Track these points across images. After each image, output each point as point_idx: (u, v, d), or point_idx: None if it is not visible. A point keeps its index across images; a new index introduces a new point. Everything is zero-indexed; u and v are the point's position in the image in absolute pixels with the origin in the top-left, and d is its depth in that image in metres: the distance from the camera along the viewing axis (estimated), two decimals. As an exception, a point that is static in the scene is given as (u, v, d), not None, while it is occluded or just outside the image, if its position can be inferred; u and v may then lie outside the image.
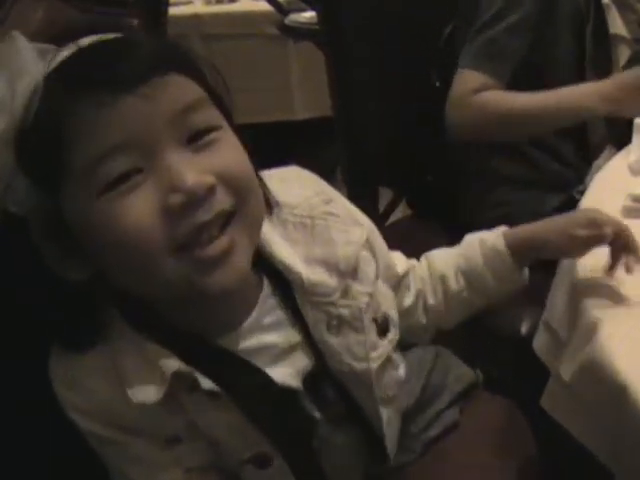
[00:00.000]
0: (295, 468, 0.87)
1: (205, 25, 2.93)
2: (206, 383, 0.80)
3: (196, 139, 0.74)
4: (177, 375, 0.79)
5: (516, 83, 1.51)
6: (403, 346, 0.99)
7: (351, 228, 0.89)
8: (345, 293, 0.86)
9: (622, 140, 1.37)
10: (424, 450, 1.06)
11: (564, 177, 1.62)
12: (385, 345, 0.91)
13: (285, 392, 0.85)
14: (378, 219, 1.82)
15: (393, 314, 0.93)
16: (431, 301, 1.04)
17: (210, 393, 0.80)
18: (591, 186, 1.23)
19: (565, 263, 1.06)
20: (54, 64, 0.73)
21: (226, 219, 0.75)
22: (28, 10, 0.81)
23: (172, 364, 0.79)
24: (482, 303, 1.06)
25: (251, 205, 0.77)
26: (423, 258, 1.06)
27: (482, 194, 1.64)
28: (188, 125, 0.74)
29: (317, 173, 0.96)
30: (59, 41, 0.74)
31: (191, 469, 0.85)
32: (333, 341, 0.86)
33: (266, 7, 2.75)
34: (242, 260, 0.76)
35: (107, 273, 0.77)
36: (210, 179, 0.73)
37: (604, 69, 1.67)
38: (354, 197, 1.79)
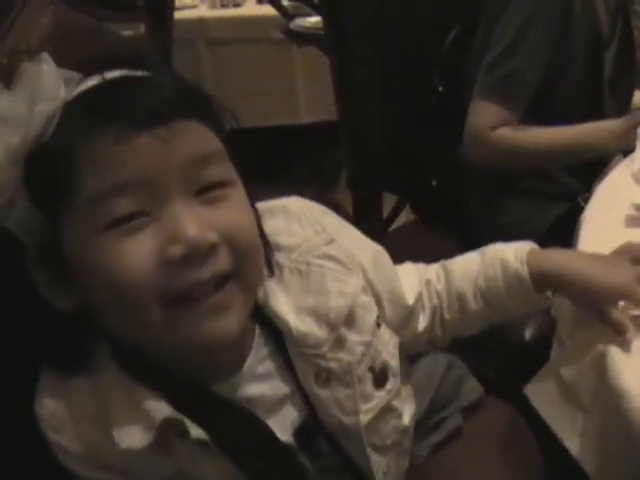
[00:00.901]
0: None
1: (210, 29, 2.94)
2: (195, 431, 0.77)
3: (206, 192, 0.72)
4: (167, 421, 0.76)
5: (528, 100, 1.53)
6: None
7: (347, 278, 0.85)
8: (337, 344, 0.83)
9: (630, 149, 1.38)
10: (427, 456, 1.06)
11: (571, 186, 1.62)
12: (382, 396, 0.88)
13: (280, 444, 0.83)
14: (382, 224, 1.82)
15: (394, 363, 0.89)
16: (447, 316, 1.00)
17: (199, 442, 0.78)
18: (595, 195, 1.23)
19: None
20: (77, 92, 0.72)
21: (223, 280, 0.73)
22: (36, 15, 0.81)
23: (162, 409, 0.76)
24: (501, 320, 1.03)
25: (250, 269, 0.75)
26: (441, 270, 1.01)
27: (486, 200, 1.64)
28: (201, 177, 0.72)
29: (321, 177, 0.95)
30: (85, 67, 0.74)
31: None
32: (322, 393, 0.84)
33: (271, 11, 2.76)
34: (233, 320, 0.74)
35: (92, 309, 0.75)
36: (213, 237, 0.71)
37: (626, 88, 1.69)
38: (358, 202, 1.81)
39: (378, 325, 0.88)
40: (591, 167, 1.62)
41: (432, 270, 1.01)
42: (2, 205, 0.71)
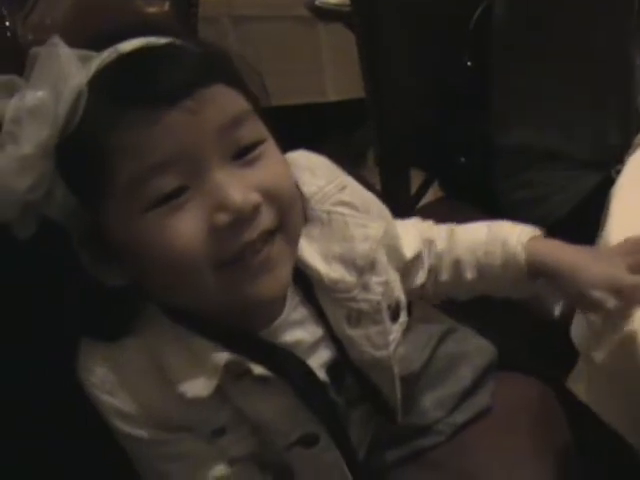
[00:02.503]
0: (338, 442, 0.88)
1: (235, 7, 2.92)
2: (258, 369, 0.80)
3: (242, 155, 0.73)
4: (228, 365, 0.79)
5: None
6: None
7: (369, 223, 0.88)
8: (364, 287, 0.87)
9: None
10: (453, 434, 1.07)
11: (603, 158, 1.59)
12: (397, 329, 0.92)
13: (320, 381, 0.86)
14: (410, 201, 1.81)
15: (402, 298, 0.93)
16: (441, 278, 1.03)
17: (261, 379, 0.81)
18: (627, 167, 1.21)
19: (602, 243, 1.05)
20: (94, 70, 0.72)
21: (270, 235, 0.74)
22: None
23: (222, 355, 0.79)
24: (490, 294, 1.05)
25: (293, 221, 0.78)
26: (446, 233, 1.03)
27: (516, 174, 1.63)
28: (235, 140, 0.73)
29: (349, 155, 0.95)
30: (100, 41, 0.73)
31: (234, 460, 0.86)
32: (354, 333, 0.87)
33: (297, -12, 2.74)
34: (284, 272, 0.77)
35: (146, 284, 0.77)
36: (256, 197, 0.72)
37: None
38: (386, 179, 1.80)
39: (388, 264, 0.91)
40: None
41: (437, 230, 1.03)
42: (42, 196, 0.72)
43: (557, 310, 1.32)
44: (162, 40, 0.74)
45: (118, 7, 0.91)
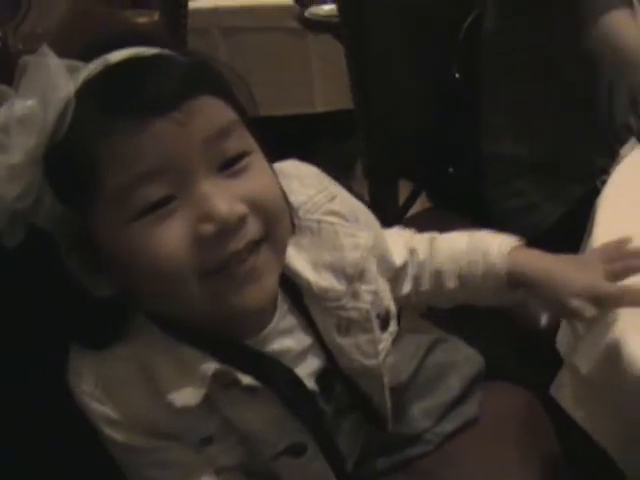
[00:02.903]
0: (326, 452, 0.88)
1: (225, 18, 2.93)
2: (246, 379, 0.80)
3: (228, 166, 0.74)
4: (216, 375, 0.79)
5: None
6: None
7: (359, 232, 0.88)
8: (354, 295, 0.87)
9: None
10: (441, 443, 1.07)
11: (590, 167, 1.60)
12: (386, 338, 0.92)
13: (308, 390, 0.86)
14: (398, 211, 1.82)
15: (392, 307, 0.93)
16: (423, 288, 1.03)
17: (249, 388, 0.81)
18: (612, 177, 1.22)
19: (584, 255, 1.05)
20: (82, 80, 0.72)
21: (256, 246, 0.75)
22: (50, 3, 0.81)
23: (210, 365, 0.79)
24: (472, 303, 1.06)
25: (279, 231, 0.78)
26: (428, 242, 1.03)
27: (503, 183, 1.64)
28: (221, 151, 0.73)
29: (337, 166, 0.95)
30: (90, 51, 0.74)
31: (221, 470, 0.86)
32: (343, 342, 0.88)
33: (286, 0, 2.75)
34: (269, 282, 0.77)
35: (134, 293, 0.77)
36: (242, 208, 0.73)
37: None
38: (374, 190, 1.81)
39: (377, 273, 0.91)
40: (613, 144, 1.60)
41: (419, 239, 1.04)
42: (30, 204, 0.72)
43: (544, 319, 1.32)
44: (151, 50, 0.75)
45: (108, 18, 0.91)
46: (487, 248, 1.00)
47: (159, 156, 0.70)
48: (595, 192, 1.21)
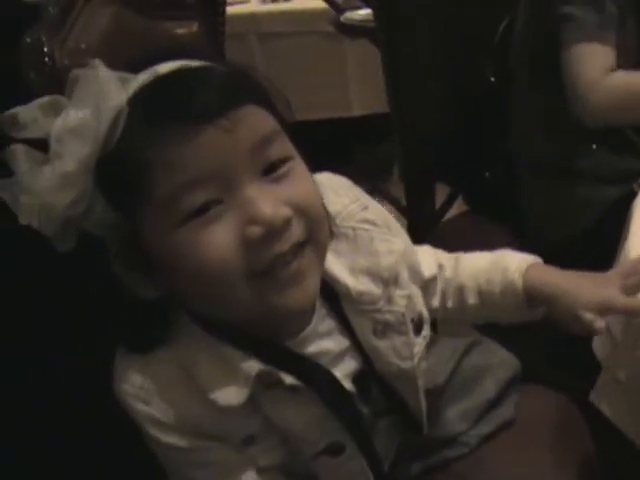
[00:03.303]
0: (364, 452, 0.90)
1: (261, 24, 2.95)
2: (289, 379, 0.83)
3: (272, 171, 0.76)
4: (260, 375, 0.81)
5: None
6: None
7: (392, 238, 0.91)
8: (389, 300, 0.89)
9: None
10: (477, 445, 1.07)
11: (628, 170, 1.59)
12: (420, 342, 0.93)
13: (346, 392, 0.88)
14: (435, 215, 1.82)
15: (424, 312, 0.95)
16: (449, 304, 1.04)
17: (291, 388, 0.83)
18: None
19: (622, 258, 1.05)
20: (133, 91, 0.75)
21: (300, 248, 0.77)
22: (95, 16, 0.83)
23: (253, 365, 0.81)
24: (494, 321, 1.06)
25: (322, 234, 0.80)
26: (454, 260, 1.05)
27: (537, 188, 1.63)
28: (265, 157, 0.76)
29: (374, 170, 0.97)
30: (136, 66, 0.76)
31: (262, 470, 0.88)
32: (379, 344, 0.89)
33: (321, 5, 2.76)
34: (313, 284, 0.79)
35: (179, 295, 0.80)
36: (287, 211, 0.75)
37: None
38: (411, 193, 1.81)
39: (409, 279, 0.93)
40: None
41: (446, 257, 1.05)
42: (82, 211, 0.74)
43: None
44: (195, 62, 0.77)
45: (149, 31, 0.93)
46: (506, 265, 1.01)
47: (206, 163, 0.73)
48: (632, 195, 1.20)
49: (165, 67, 0.76)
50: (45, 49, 0.76)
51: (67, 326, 0.84)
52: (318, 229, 0.79)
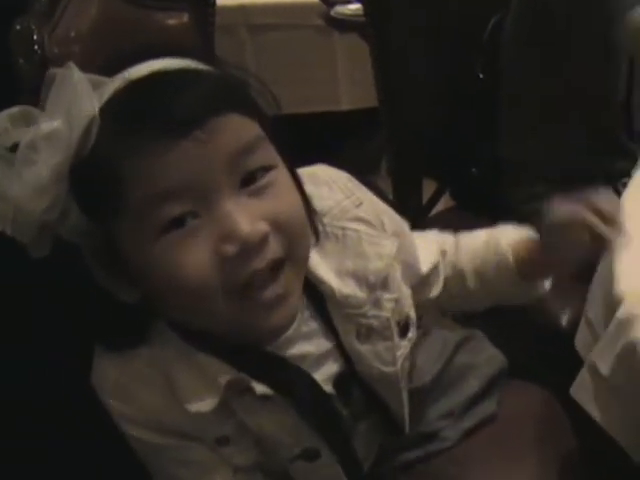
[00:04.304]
0: (340, 456, 0.90)
1: (251, 16, 2.94)
2: (260, 388, 0.82)
3: (251, 181, 0.74)
4: (230, 384, 0.81)
5: None
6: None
7: (383, 240, 0.89)
8: (375, 303, 0.88)
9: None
10: (458, 440, 1.07)
11: (616, 170, 1.60)
12: (405, 345, 0.93)
13: (326, 394, 0.87)
14: (422, 210, 1.83)
15: (412, 314, 0.94)
16: (453, 291, 1.04)
17: (263, 396, 0.82)
18: (633, 180, 1.22)
19: (606, 256, 1.06)
20: (107, 97, 0.73)
21: (278, 265, 0.75)
22: (84, 5, 0.83)
23: (225, 373, 0.81)
24: (496, 303, 1.06)
25: (300, 250, 0.78)
26: (454, 242, 1.04)
27: (521, 186, 1.64)
28: (244, 166, 0.74)
29: (363, 163, 0.96)
30: (117, 62, 0.75)
31: (238, 469, 0.88)
32: (362, 348, 0.88)
33: (312, -2, 2.76)
34: (294, 300, 0.79)
35: (156, 304, 0.79)
36: (264, 227, 0.73)
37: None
38: (398, 188, 1.82)
39: (401, 280, 0.91)
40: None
41: (449, 242, 1.04)
42: (57, 217, 0.74)
43: (564, 320, 1.33)
44: (176, 64, 0.75)
45: (139, 20, 0.93)
46: (498, 241, 1.00)
47: (181, 175, 0.71)
48: (617, 195, 1.21)
49: (139, 70, 0.73)
50: (35, 37, 0.75)
51: (67, 326, 0.83)
52: (297, 245, 0.77)
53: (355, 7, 2.48)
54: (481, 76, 1.66)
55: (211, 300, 0.74)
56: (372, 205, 0.92)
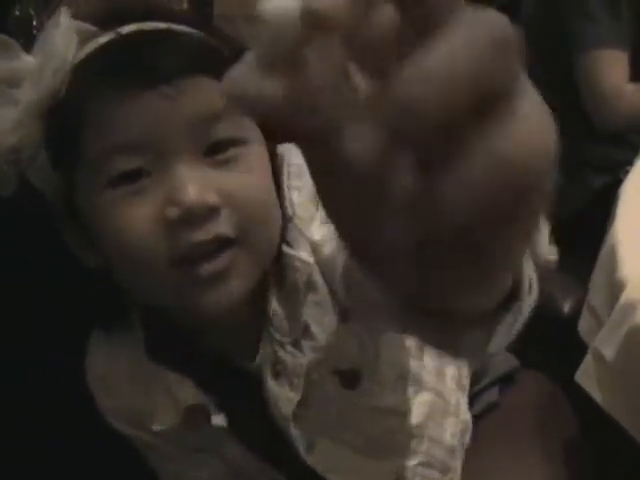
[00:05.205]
0: None
1: (249, 6, 2.94)
2: (216, 419, 0.79)
3: (216, 152, 0.70)
4: (191, 407, 0.79)
5: None
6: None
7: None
8: (295, 343, 0.79)
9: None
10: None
11: (615, 158, 1.60)
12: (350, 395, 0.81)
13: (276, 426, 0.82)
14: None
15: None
16: None
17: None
18: (635, 168, 1.22)
19: (608, 243, 1.06)
20: (89, 49, 0.72)
21: (225, 244, 0.69)
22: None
23: (187, 396, 0.79)
24: None
25: (258, 236, 0.71)
26: None
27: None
28: (210, 135, 0.69)
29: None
30: (104, 20, 0.73)
31: (217, 473, 0.86)
32: (271, 385, 0.80)
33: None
34: (238, 285, 0.71)
35: (112, 268, 0.75)
36: (213, 199, 0.68)
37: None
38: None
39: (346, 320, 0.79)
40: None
41: None
42: (26, 160, 0.73)
43: (566, 307, 1.33)
44: (162, 25, 0.72)
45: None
46: None
47: (141, 128, 0.68)
48: (618, 183, 1.21)
49: (130, 28, 0.71)
50: (34, 23, 0.75)
51: (67, 326, 0.83)
52: (254, 230, 0.70)
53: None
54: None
55: (153, 266, 0.69)
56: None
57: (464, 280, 0.34)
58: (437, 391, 0.88)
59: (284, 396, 0.79)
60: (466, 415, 0.95)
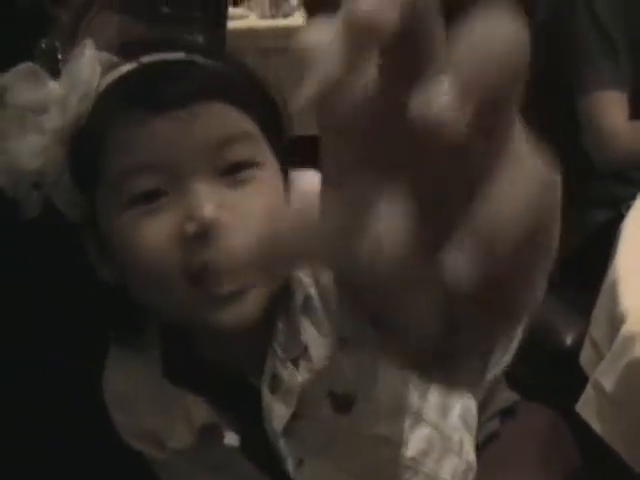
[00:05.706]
0: None
1: (261, 39, 2.97)
2: (230, 438, 0.80)
3: (232, 173, 0.73)
4: (205, 426, 0.80)
5: None
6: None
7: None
8: (294, 361, 0.79)
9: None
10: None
11: (616, 193, 1.62)
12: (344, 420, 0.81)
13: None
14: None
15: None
16: None
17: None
18: (636, 203, 1.24)
19: (610, 277, 1.07)
20: (112, 77, 0.76)
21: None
22: (104, 25, 0.85)
23: (202, 414, 0.80)
24: None
25: None
26: None
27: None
28: (226, 157, 0.72)
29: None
30: (127, 52, 0.77)
31: None
32: (267, 400, 0.80)
33: (320, 22, 2.79)
34: (249, 308, 0.73)
35: (129, 284, 0.77)
36: (229, 217, 0.71)
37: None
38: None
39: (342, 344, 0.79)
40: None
41: None
42: (51, 183, 0.76)
43: (569, 339, 1.34)
44: (180, 55, 0.77)
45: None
46: None
47: (156, 151, 0.71)
48: (620, 218, 1.22)
49: (150, 57, 0.76)
50: (59, 56, 0.78)
51: (67, 326, 0.85)
52: None
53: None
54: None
55: (169, 282, 0.71)
56: None
57: (494, 328, 0.35)
58: (438, 427, 0.89)
59: (277, 411, 0.80)
60: (470, 456, 0.94)
